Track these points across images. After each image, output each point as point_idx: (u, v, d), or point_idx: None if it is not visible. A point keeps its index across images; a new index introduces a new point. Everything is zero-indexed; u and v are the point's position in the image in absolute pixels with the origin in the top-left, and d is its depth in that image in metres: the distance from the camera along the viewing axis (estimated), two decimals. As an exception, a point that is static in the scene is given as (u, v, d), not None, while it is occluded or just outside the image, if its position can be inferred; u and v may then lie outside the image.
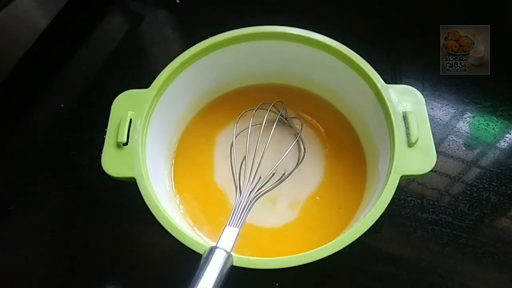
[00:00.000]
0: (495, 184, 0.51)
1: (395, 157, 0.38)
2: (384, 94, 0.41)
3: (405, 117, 0.40)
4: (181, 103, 0.48)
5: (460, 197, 0.50)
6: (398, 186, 0.36)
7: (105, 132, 0.40)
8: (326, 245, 0.33)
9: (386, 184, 0.36)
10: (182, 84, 0.45)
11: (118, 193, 0.38)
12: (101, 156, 0.38)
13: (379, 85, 0.41)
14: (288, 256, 0.33)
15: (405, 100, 0.41)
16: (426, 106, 0.41)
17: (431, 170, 0.37)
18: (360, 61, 0.43)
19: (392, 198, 0.35)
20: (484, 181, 0.51)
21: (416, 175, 0.38)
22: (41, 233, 0.47)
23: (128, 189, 0.37)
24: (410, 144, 0.38)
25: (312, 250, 0.33)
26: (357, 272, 0.32)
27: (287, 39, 0.45)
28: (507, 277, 0.45)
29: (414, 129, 0.38)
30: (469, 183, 0.51)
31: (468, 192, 0.50)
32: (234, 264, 0.32)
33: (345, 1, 0.70)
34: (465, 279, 0.45)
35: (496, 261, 0.46)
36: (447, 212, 0.48)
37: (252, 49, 0.47)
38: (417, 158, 0.38)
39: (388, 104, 0.40)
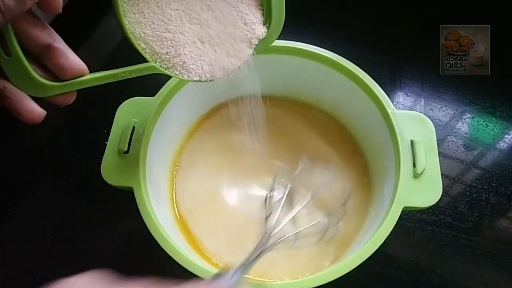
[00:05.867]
0: (494, 185, 0.51)
1: (399, 187, 0.36)
2: (393, 120, 0.39)
3: (413, 146, 0.38)
4: (187, 112, 0.47)
5: (460, 198, 0.50)
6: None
7: (105, 133, 0.40)
8: (319, 273, 0.33)
9: (387, 215, 0.35)
10: (188, 94, 0.43)
11: (118, 194, 0.38)
12: (101, 157, 0.38)
13: (389, 110, 0.40)
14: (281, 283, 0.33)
15: (415, 127, 0.39)
16: (436, 136, 0.39)
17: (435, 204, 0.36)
18: (370, 82, 0.41)
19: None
20: (484, 182, 0.51)
21: (419, 208, 0.36)
22: (41, 234, 0.47)
23: (128, 190, 0.37)
24: (416, 175, 0.37)
25: (304, 279, 0.32)
26: (356, 273, 0.32)
27: (297, 54, 0.44)
28: (506, 278, 0.45)
29: (421, 159, 0.37)
30: (468, 184, 0.51)
31: (468, 193, 0.50)
32: None
33: (345, 1, 0.70)
34: (465, 280, 0.45)
35: (496, 262, 0.46)
36: (447, 213, 0.48)
37: (262, 61, 0.45)
38: (422, 190, 0.36)
39: (396, 130, 0.39)
